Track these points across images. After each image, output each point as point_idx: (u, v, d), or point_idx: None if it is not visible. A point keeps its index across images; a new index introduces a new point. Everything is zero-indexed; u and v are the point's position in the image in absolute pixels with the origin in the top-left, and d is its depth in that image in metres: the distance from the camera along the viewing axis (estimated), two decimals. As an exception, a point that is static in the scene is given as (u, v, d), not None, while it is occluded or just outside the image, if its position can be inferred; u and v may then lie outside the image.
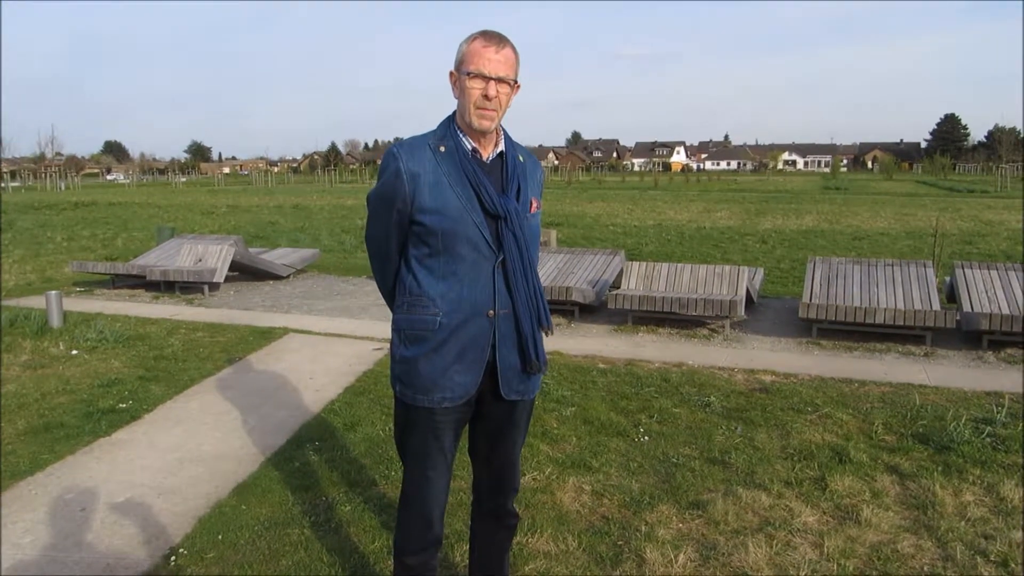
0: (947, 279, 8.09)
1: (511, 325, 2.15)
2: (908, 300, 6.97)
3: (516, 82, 2.12)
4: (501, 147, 2.19)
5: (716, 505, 3.47)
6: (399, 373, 2.19)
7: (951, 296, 7.63)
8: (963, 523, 3.32)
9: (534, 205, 2.22)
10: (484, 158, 2.15)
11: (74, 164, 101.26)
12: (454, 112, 2.17)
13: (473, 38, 2.08)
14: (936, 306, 6.77)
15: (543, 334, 2.23)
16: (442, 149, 2.10)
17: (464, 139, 2.13)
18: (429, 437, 2.19)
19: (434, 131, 2.16)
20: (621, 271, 8.32)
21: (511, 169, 2.17)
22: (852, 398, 5.09)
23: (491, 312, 2.12)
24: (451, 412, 2.18)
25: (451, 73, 2.13)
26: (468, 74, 2.05)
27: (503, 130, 2.20)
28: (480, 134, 2.12)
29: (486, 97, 2.05)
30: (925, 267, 7.40)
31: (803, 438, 4.33)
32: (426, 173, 2.07)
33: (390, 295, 2.28)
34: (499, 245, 2.11)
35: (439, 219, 2.06)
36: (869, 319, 6.58)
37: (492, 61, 2.04)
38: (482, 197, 2.08)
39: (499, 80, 2.06)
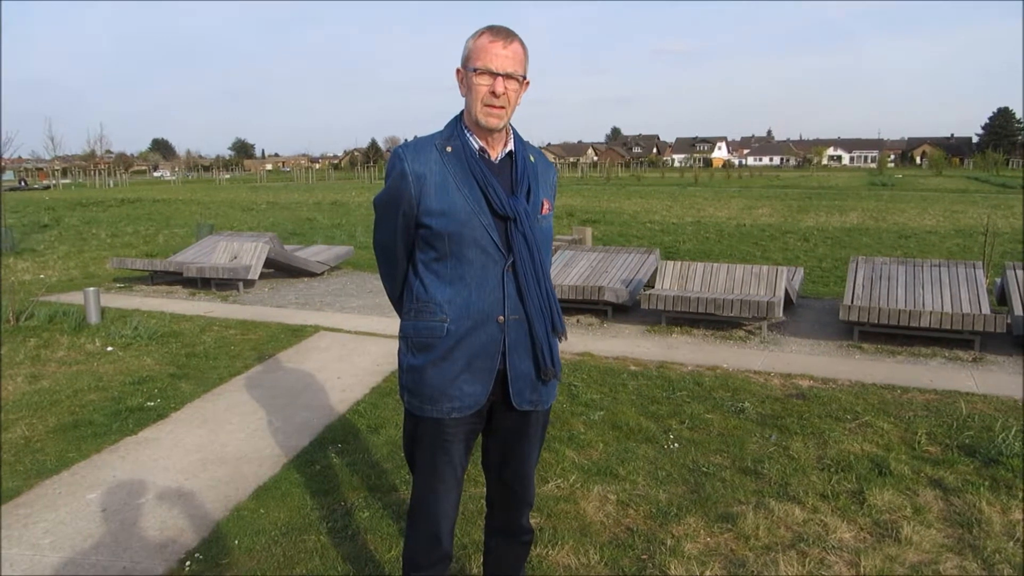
0: (998, 280, 7.77)
1: (522, 331, 2.05)
2: (956, 302, 6.69)
3: (525, 78, 2.02)
4: (510, 147, 2.09)
5: (747, 518, 3.33)
6: (406, 382, 2.11)
7: (1002, 299, 7.32)
8: (1011, 543, 3.12)
9: (545, 206, 2.12)
10: (492, 158, 2.05)
11: (123, 162, 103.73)
12: (461, 112, 2.07)
13: (480, 33, 1.98)
14: (986, 309, 6.49)
15: (557, 339, 2.12)
16: (448, 149, 2.00)
17: (471, 138, 2.03)
18: (438, 449, 2.10)
19: (441, 131, 2.07)
20: (655, 270, 8.15)
21: (521, 169, 2.07)
22: (894, 406, 4.88)
23: (501, 318, 2.03)
24: (460, 423, 2.09)
25: (458, 70, 2.04)
26: (475, 70, 1.96)
27: (512, 129, 2.10)
28: (488, 133, 2.02)
29: (494, 94, 1.95)
30: (974, 268, 7.10)
31: (841, 448, 4.15)
32: (432, 174, 1.98)
33: (399, 302, 2.20)
34: (508, 248, 2.01)
35: (445, 221, 1.97)
36: (914, 322, 6.33)
37: (500, 56, 1.94)
38: (490, 198, 1.98)
39: (507, 76, 1.96)
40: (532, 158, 2.14)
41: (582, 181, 51.01)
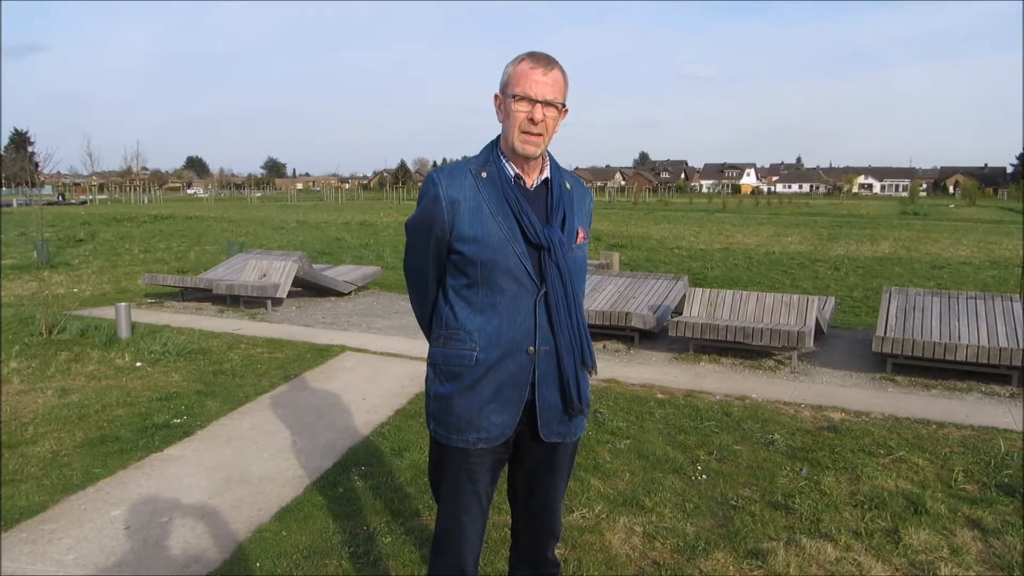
0: (1036, 314, 7.57)
1: (553, 363, 2.02)
2: (992, 336, 6.54)
3: (564, 106, 2.00)
4: (547, 173, 2.07)
5: (777, 555, 3.24)
6: (433, 410, 2.08)
7: (1041, 333, 7.13)
8: (1055, 590, 3.01)
9: (580, 235, 2.09)
10: (528, 185, 2.03)
11: (158, 178, 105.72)
12: (498, 137, 2.06)
13: (520, 59, 1.96)
14: (1024, 344, 6.33)
15: (587, 373, 2.08)
16: (484, 175, 1.99)
17: (507, 165, 2.01)
18: (463, 479, 2.07)
19: (476, 156, 2.05)
20: (684, 297, 8.08)
21: (556, 197, 2.04)
22: (929, 441, 4.75)
23: (531, 349, 1.99)
24: (487, 453, 2.05)
25: (496, 96, 2.02)
26: (514, 97, 1.94)
27: (549, 155, 2.08)
28: (524, 160, 2.00)
29: (532, 121, 1.93)
30: (1012, 300, 6.94)
31: (875, 484, 4.04)
32: (466, 200, 1.96)
33: (428, 327, 2.18)
34: (542, 278, 1.98)
35: (478, 248, 1.95)
36: (949, 355, 6.19)
37: (539, 83, 1.93)
38: (524, 226, 1.96)
39: (546, 103, 1.94)
40: (568, 185, 2.11)
41: (610, 205, 51.00)
